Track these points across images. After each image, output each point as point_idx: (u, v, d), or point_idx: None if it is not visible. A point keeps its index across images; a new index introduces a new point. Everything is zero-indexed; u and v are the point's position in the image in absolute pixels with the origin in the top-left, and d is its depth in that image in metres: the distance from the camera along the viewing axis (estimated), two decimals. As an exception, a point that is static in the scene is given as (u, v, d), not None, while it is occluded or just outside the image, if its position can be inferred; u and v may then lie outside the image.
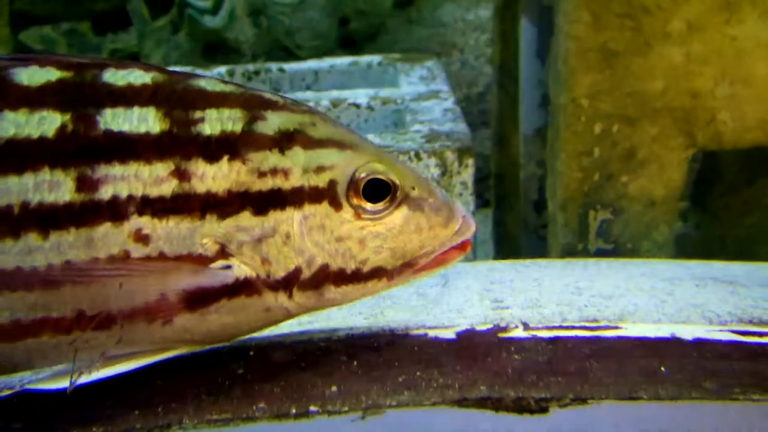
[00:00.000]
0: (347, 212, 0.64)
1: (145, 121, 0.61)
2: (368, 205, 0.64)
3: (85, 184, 0.59)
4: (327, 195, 0.64)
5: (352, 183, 0.64)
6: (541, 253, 1.73)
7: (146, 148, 0.60)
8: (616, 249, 1.56)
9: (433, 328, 0.81)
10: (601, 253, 1.55)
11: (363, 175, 0.64)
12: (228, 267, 0.62)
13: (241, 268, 0.63)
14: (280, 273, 0.63)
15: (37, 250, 0.59)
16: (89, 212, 0.60)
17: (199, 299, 0.62)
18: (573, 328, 0.77)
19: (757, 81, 1.50)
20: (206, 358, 0.79)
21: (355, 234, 0.64)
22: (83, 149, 0.60)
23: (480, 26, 3.16)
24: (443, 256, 0.67)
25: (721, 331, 0.74)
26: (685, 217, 1.65)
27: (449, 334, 0.79)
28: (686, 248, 1.65)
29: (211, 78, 0.65)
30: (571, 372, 0.69)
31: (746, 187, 1.70)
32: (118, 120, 0.60)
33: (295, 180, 0.63)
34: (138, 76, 0.62)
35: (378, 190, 0.64)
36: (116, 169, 0.60)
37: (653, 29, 1.52)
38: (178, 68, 0.70)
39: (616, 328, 0.76)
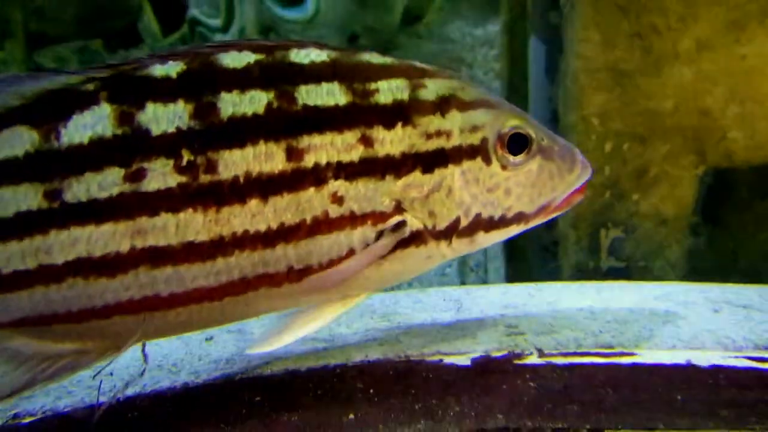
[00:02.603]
0: (496, 165, 0.73)
1: (333, 94, 0.68)
2: (511, 158, 0.73)
3: (293, 154, 0.67)
4: (480, 151, 0.72)
5: (499, 138, 0.72)
6: (553, 270, 1.73)
7: (337, 119, 0.68)
8: (628, 267, 1.55)
9: (448, 354, 0.81)
10: (613, 272, 1.54)
11: (506, 130, 0.73)
12: (402, 221, 0.70)
13: (413, 222, 0.71)
14: (443, 223, 0.71)
15: (259, 214, 0.66)
16: (297, 179, 0.67)
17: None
18: (588, 354, 0.77)
19: (767, 99, 1.50)
20: (223, 387, 0.79)
21: (503, 184, 0.73)
22: (288, 123, 0.67)
23: (488, 42, 3.17)
24: (569, 198, 0.75)
25: (736, 357, 0.74)
26: (697, 232, 1.64)
27: (464, 360, 0.80)
28: (698, 263, 1.65)
29: (372, 52, 0.72)
30: (587, 401, 0.69)
31: (759, 202, 1.69)
32: (312, 95, 0.68)
33: (455, 140, 0.71)
34: (317, 54, 0.70)
35: (519, 143, 0.73)
36: (315, 140, 0.67)
37: (663, 49, 1.52)
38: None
39: (632, 354, 0.76)
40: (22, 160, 0.64)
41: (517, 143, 0.73)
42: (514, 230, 0.75)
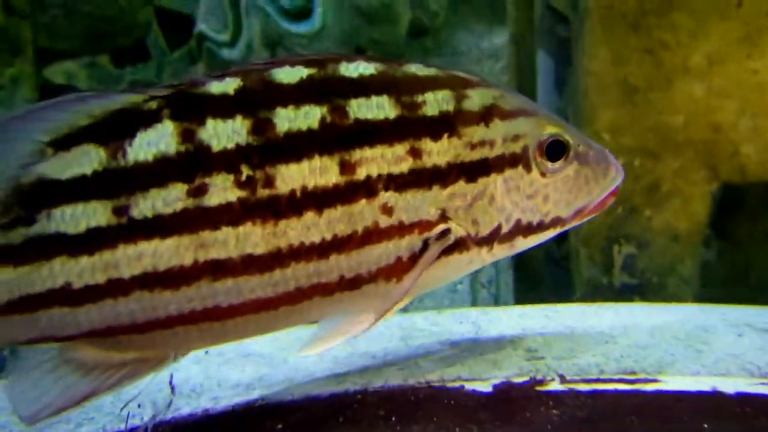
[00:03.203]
0: (536, 172, 0.75)
1: (383, 108, 0.70)
2: (550, 164, 0.75)
3: (346, 168, 0.69)
4: (521, 159, 0.74)
5: (539, 146, 0.74)
6: (564, 285, 1.72)
7: (387, 132, 0.70)
8: (641, 283, 1.55)
9: (469, 380, 0.81)
10: (626, 288, 1.54)
11: (545, 137, 0.75)
12: (447, 229, 0.72)
13: (457, 229, 0.72)
14: (486, 230, 0.73)
15: (314, 226, 0.68)
16: (350, 191, 0.69)
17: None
18: (611, 381, 0.76)
19: (779, 113, 1.50)
20: (243, 414, 0.79)
21: (542, 190, 0.75)
22: (341, 137, 0.69)
23: (494, 54, 3.18)
24: (604, 201, 0.77)
25: (762, 384, 0.73)
26: (708, 244, 1.64)
27: (486, 386, 0.79)
28: (709, 275, 1.64)
29: (417, 63, 0.73)
30: (612, 430, 0.69)
31: (769, 216, 1.69)
32: (362, 109, 0.70)
33: (498, 149, 0.73)
34: (365, 67, 0.71)
35: (557, 150, 0.75)
36: (367, 153, 0.69)
37: (673, 64, 1.52)
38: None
39: (655, 381, 0.76)
40: (91, 178, 0.67)
41: (556, 150, 0.75)
42: (551, 234, 0.77)
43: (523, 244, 0.76)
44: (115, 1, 2.84)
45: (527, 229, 0.75)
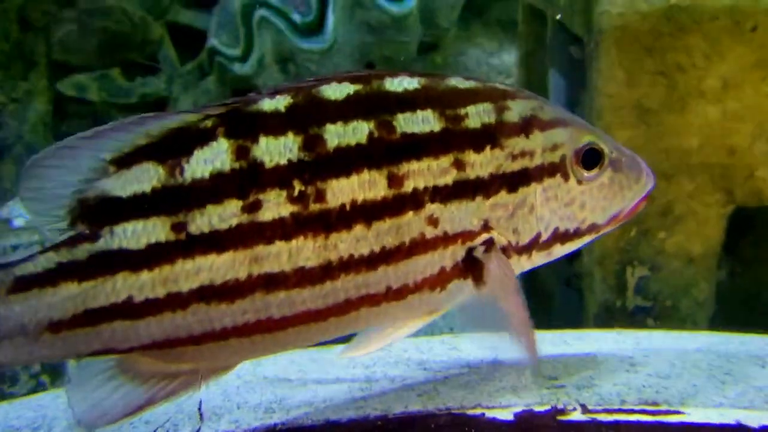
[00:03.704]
0: (573, 181, 0.76)
1: (428, 121, 0.72)
2: (586, 172, 0.76)
3: (394, 181, 0.71)
4: (559, 168, 0.76)
5: (575, 154, 0.76)
6: (575, 305, 1.72)
7: (433, 145, 0.72)
8: (654, 306, 1.54)
9: (490, 408, 0.81)
10: (639, 311, 1.53)
11: (582, 146, 0.76)
12: (490, 239, 0.73)
13: (499, 239, 0.74)
14: (526, 239, 0.75)
15: (363, 239, 0.70)
16: (398, 204, 0.71)
17: (469, 268, 0.73)
18: (633, 411, 0.76)
19: (794, 137, 1.49)
20: (264, 440, 0.79)
21: (578, 198, 0.76)
22: (389, 151, 0.71)
23: (504, 70, 3.19)
24: (637, 206, 0.79)
25: (786, 417, 0.73)
26: (721, 266, 1.63)
27: (507, 414, 0.79)
28: (720, 295, 1.63)
29: (457, 76, 0.76)
30: (637, 463, 0.68)
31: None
32: (408, 123, 0.71)
33: (537, 159, 0.75)
34: (409, 82, 0.73)
35: (593, 158, 0.76)
36: (414, 166, 0.71)
37: (688, 87, 1.52)
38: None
39: (678, 413, 0.75)
40: (151, 195, 0.69)
41: (592, 158, 0.77)
42: (587, 240, 0.79)
43: (561, 250, 0.77)
44: (129, 17, 2.87)
45: (564, 237, 0.76)
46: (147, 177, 0.69)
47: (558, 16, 1.88)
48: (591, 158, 0.76)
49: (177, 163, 0.69)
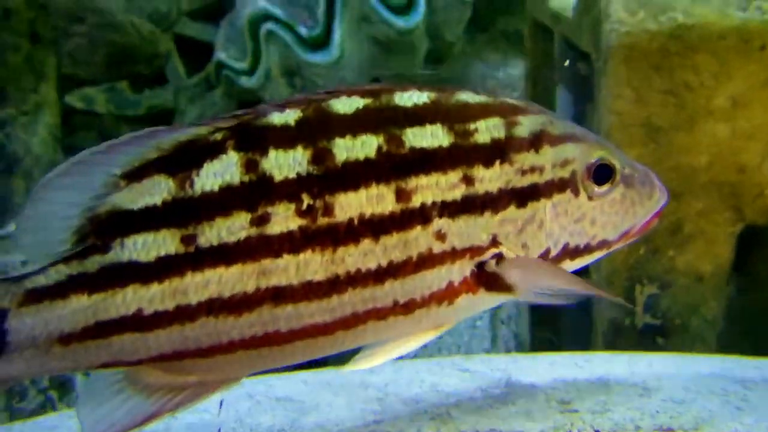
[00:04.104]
0: (583, 196, 0.76)
1: (437, 136, 0.72)
2: (597, 188, 0.76)
3: (402, 195, 0.71)
4: (569, 184, 0.75)
5: (586, 170, 0.75)
6: (584, 323, 1.72)
7: (441, 160, 0.72)
8: (664, 325, 1.54)
9: (503, 433, 0.81)
10: (649, 329, 1.53)
11: (593, 161, 0.75)
12: (499, 254, 0.73)
13: (508, 254, 0.73)
14: (534, 254, 0.74)
15: (371, 253, 0.70)
16: (406, 218, 0.71)
17: (477, 282, 0.73)
18: (648, 438, 0.75)
19: (803, 156, 1.49)
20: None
21: (589, 214, 0.76)
22: (397, 165, 0.71)
23: (510, 84, 3.20)
24: (649, 223, 0.78)
25: (803, 446, 0.72)
26: (730, 283, 1.63)
27: (521, 440, 0.79)
28: (729, 312, 1.63)
29: (466, 90, 0.76)
30: (653, 492, 0.68)
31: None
32: (417, 137, 0.71)
33: (547, 174, 0.74)
34: (419, 96, 0.73)
35: (604, 174, 0.76)
36: (422, 180, 0.71)
37: (697, 105, 1.52)
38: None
39: (694, 439, 0.75)
40: (161, 208, 0.70)
41: (603, 173, 0.76)
42: (597, 256, 0.78)
43: (570, 266, 0.77)
44: (138, 31, 2.88)
45: (574, 252, 0.76)
46: (158, 190, 0.69)
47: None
48: (602, 174, 0.76)
49: (187, 176, 0.69)
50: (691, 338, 1.54)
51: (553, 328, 1.85)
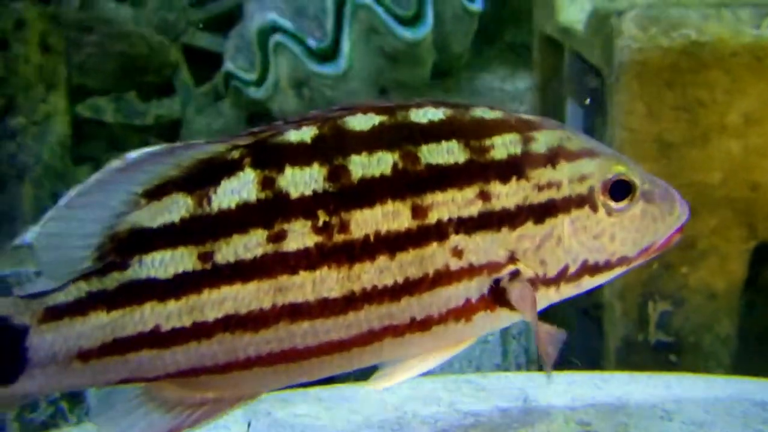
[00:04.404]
0: (602, 212, 0.75)
1: (453, 153, 0.72)
2: (615, 204, 0.75)
3: (418, 212, 0.71)
4: (587, 200, 0.75)
5: (604, 186, 0.75)
6: (595, 338, 1.71)
7: (457, 176, 0.72)
8: (677, 342, 1.53)
9: (524, 455, 0.80)
10: (661, 346, 1.52)
11: (611, 177, 0.75)
12: (516, 270, 0.72)
13: (526, 270, 0.73)
14: (553, 271, 0.74)
15: (387, 270, 0.70)
16: (422, 235, 0.71)
17: (495, 299, 0.73)
18: (671, 462, 0.75)
19: (817, 173, 1.49)
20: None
21: (608, 230, 0.75)
22: (413, 182, 0.71)
23: (517, 97, 3.20)
24: (670, 239, 0.78)
25: (827, 471, 0.72)
26: (742, 299, 1.62)
27: (541, 462, 0.78)
28: (741, 329, 1.62)
29: (482, 106, 0.75)
30: None
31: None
32: (433, 154, 0.71)
33: (564, 190, 0.74)
34: (434, 113, 0.73)
35: (623, 190, 0.75)
36: (438, 197, 0.71)
37: (709, 122, 1.53)
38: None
39: (717, 464, 0.75)
40: (179, 225, 0.70)
41: (621, 189, 0.75)
42: (617, 273, 0.77)
43: (590, 283, 0.76)
44: (147, 42, 2.90)
45: (594, 269, 0.75)
46: (176, 208, 0.70)
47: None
48: (621, 189, 0.75)
49: (205, 194, 0.70)
50: (705, 356, 1.53)
51: (564, 343, 1.84)
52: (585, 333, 1.80)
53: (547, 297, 0.76)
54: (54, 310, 0.70)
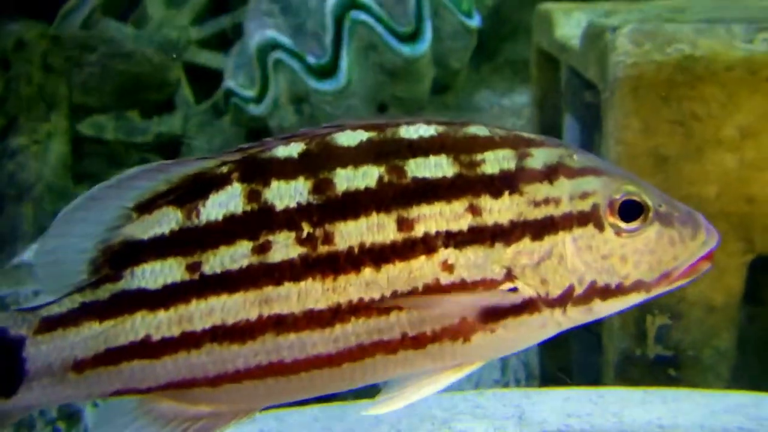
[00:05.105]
0: (609, 232, 0.72)
1: (441, 166, 0.71)
2: (624, 224, 0.72)
3: (404, 224, 0.70)
4: (591, 218, 0.72)
5: (610, 205, 0.72)
6: (593, 351, 1.70)
7: (445, 190, 0.71)
8: (676, 356, 1.53)
9: (518, 473, 0.80)
10: (661, 360, 1.52)
11: (618, 196, 0.72)
12: (514, 288, 0.71)
13: (526, 289, 0.71)
14: (556, 291, 0.71)
15: (373, 283, 0.69)
16: (408, 248, 0.70)
17: (492, 318, 0.71)
18: (666, 478, 0.75)
19: (813, 186, 1.50)
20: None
21: (618, 251, 0.72)
22: (399, 195, 0.71)
23: (516, 112, 3.22)
24: (695, 267, 0.74)
25: (822, 487, 0.71)
26: (740, 311, 1.62)
27: (536, 480, 0.78)
28: (739, 341, 1.62)
29: (479, 124, 0.75)
30: None
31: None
32: (420, 168, 0.71)
33: (564, 206, 0.72)
34: (425, 129, 0.73)
35: (633, 210, 0.72)
36: (425, 210, 0.71)
37: (705, 135, 1.53)
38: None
39: (712, 480, 0.74)
40: (169, 237, 0.72)
41: (631, 210, 0.73)
42: (635, 298, 0.74)
43: (603, 307, 0.73)
44: (147, 60, 2.92)
45: (605, 292, 0.72)
46: (166, 220, 0.72)
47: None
48: (630, 210, 0.72)
49: (194, 207, 0.71)
50: (704, 370, 1.52)
51: (563, 358, 1.84)
52: (584, 348, 1.80)
53: (554, 320, 0.72)
54: (49, 321, 0.71)
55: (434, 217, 0.70)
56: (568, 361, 1.82)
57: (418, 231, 0.70)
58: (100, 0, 2.80)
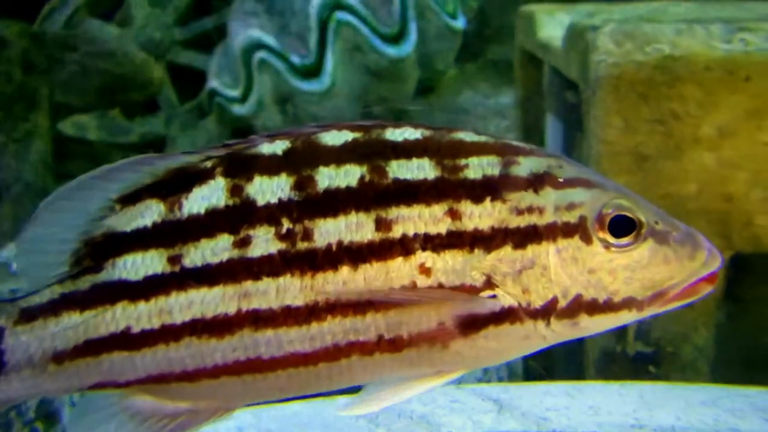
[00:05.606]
0: (597, 245, 0.70)
1: (423, 169, 0.71)
2: (613, 239, 0.70)
3: (382, 225, 0.70)
4: (578, 230, 0.70)
5: (599, 219, 0.70)
6: (575, 350, 1.71)
7: (425, 193, 0.71)
8: (656, 352, 1.54)
9: (495, 466, 0.80)
10: (641, 357, 1.53)
11: (609, 211, 0.70)
12: (494, 296, 0.70)
13: (506, 297, 0.70)
14: (539, 302, 0.69)
15: (350, 281, 0.69)
16: (385, 248, 0.70)
17: (471, 325, 0.70)
18: (640, 469, 0.75)
19: (791, 184, 1.51)
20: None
21: (606, 266, 0.70)
22: (379, 195, 0.70)
23: (500, 112, 3.23)
24: (693, 288, 0.71)
25: (795, 477, 0.72)
26: (719, 308, 1.63)
27: (513, 472, 0.78)
28: (719, 338, 1.63)
29: (467, 131, 0.74)
30: None
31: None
32: (402, 169, 0.71)
33: (548, 216, 0.70)
34: (411, 133, 0.73)
35: (623, 225, 0.70)
36: (404, 211, 0.70)
37: (683, 134, 1.55)
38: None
39: (687, 472, 0.75)
40: (151, 229, 0.71)
41: (622, 225, 0.70)
42: (626, 317, 0.71)
43: (591, 323, 0.70)
44: (130, 59, 2.91)
45: (591, 307, 0.69)
46: (149, 213, 0.71)
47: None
48: (621, 225, 0.69)
49: (177, 200, 0.71)
50: (683, 366, 1.54)
51: (545, 356, 1.84)
52: (566, 346, 1.81)
53: (538, 333, 0.70)
54: (28, 312, 0.71)
55: (413, 219, 0.70)
56: (550, 360, 1.83)
57: (396, 232, 0.70)
58: (84, 0, 2.78)
